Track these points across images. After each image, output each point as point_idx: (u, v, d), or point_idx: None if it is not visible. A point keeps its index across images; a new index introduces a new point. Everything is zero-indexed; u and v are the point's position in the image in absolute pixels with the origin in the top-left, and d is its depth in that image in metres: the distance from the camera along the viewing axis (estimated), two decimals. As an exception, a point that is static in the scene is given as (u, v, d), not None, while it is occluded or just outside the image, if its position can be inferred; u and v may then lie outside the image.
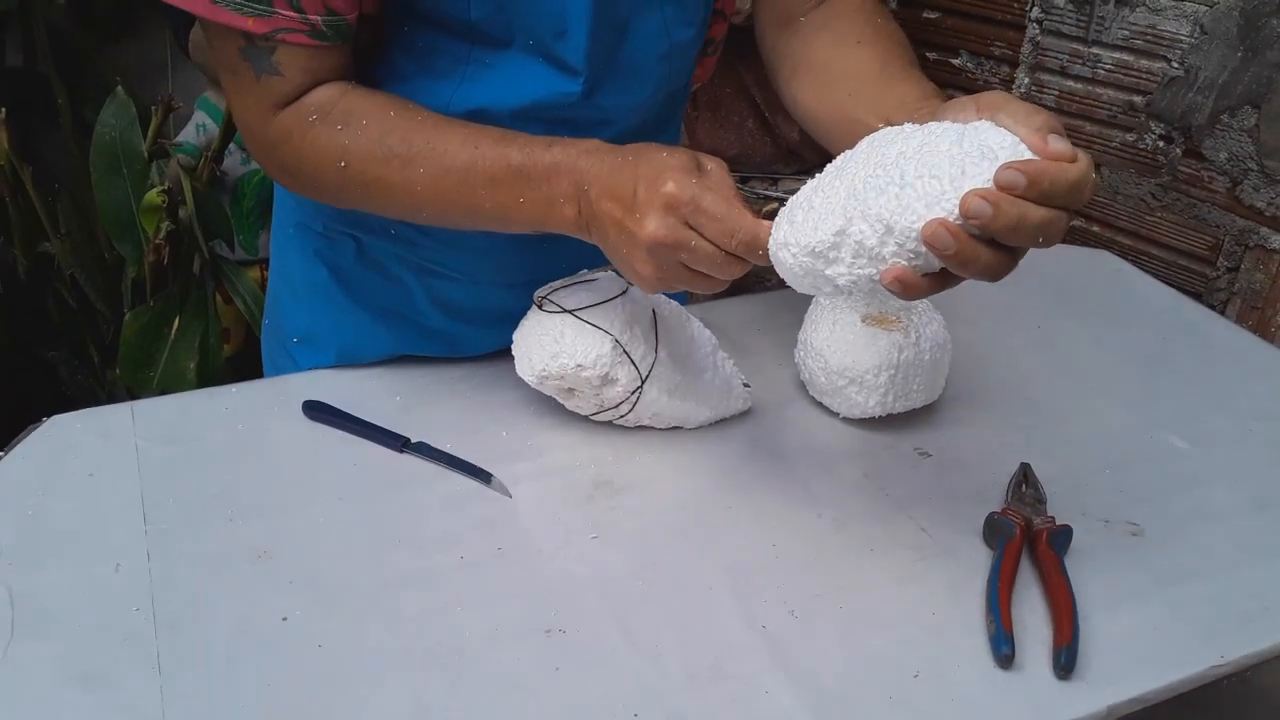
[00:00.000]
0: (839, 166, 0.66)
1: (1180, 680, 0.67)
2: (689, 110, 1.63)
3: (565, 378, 0.82)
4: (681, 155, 0.69)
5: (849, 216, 0.62)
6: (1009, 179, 0.57)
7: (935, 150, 0.60)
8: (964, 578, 0.74)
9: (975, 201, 0.57)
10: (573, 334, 0.81)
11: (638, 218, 0.68)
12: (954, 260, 0.58)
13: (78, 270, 1.71)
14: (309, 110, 0.75)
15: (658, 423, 0.87)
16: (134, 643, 0.66)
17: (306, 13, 0.71)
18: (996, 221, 0.57)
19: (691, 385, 0.86)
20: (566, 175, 0.71)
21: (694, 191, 0.66)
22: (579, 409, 0.87)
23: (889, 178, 0.61)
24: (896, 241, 0.60)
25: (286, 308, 1.01)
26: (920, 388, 0.88)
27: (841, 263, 0.63)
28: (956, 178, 0.59)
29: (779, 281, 1.48)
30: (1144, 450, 0.89)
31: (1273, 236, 1.35)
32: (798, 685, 0.65)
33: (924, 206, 0.59)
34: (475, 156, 0.73)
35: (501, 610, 0.70)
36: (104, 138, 1.60)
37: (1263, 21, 1.29)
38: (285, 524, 0.77)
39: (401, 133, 0.74)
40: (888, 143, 0.64)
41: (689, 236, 0.67)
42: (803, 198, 0.67)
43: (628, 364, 0.82)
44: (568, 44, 0.78)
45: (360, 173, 0.75)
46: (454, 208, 0.76)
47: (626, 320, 0.83)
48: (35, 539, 0.74)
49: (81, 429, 0.85)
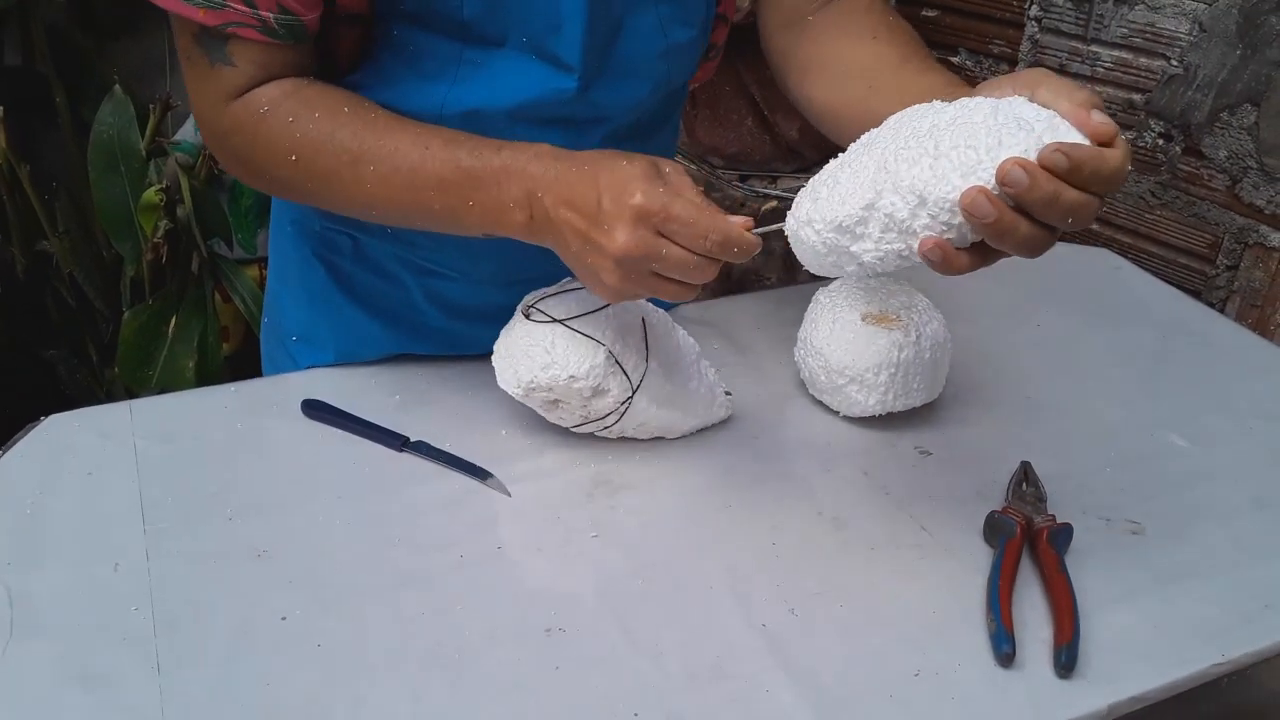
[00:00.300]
0: (866, 143, 0.65)
1: (1181, 679, 0.67)
2: (688, 108, 1.63)
3: (555, 389, 0.79)
4: (642, 163, 0.69)
5: (879, 189, 0.61)
6: (1053, 160, 0.56)
7: (970, 122, 0.60)
8: (964, 576, 0.74)
9: (1013, 169, 0.56)
10: (564, 344, 0.79)
11: (606, 229, 0.67)
12: (992, 230, 0.58)
13: (76, 269, 1.70)
14: (261, 102, 0.75)
15: (641, 434, 0.85)
16: (133, 642, 0.66)
17: (258, 8, 0.71)
18: (1031, 193, 0.56)
19: (678, 395, 0.85)
20: (516, 179, 0.71)
21: (664, 200, 0.66)
22: (561, 421, 0.84)
23: (922, 149, 0.60)
24: (929, 213, 0.59)
25: (285, 307, 1.01)
26: (920, 386, 0.88)
27: (869, 238, 0.62)
28: (993, 148, 0.58)
29: (778, 280, 1.48)
30: (1144, 449, 0.89)
31: (1272, 234, 1.35)
32: (798, 684, 0.65)
33: (959, 177, 0.58)
34: (425, 157, 0.72)
35: (501, 609, 0.70)
36: (102, 136, 1.60)
37: (1261, 19, 1.29)
38: (284, 523, 0.77)
39: (353, 128, 0.74)
40: (918, 118, 0.63)
41: (660, 245, 0.66)
42: (826, 175, 0.66)
43: (620, 375, 0.80)
44: (562, 39, 0.78)
45: (310, 166, 0.75)
46: (404, 207, 0.75)
47: (618, 330, 0.81)
48: (34, 538, 0.74)
49: (80, 428, 0.85)
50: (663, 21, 0.83)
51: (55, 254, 1.72)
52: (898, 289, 0.91)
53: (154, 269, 1.64)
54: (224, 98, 0.75)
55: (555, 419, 0.84)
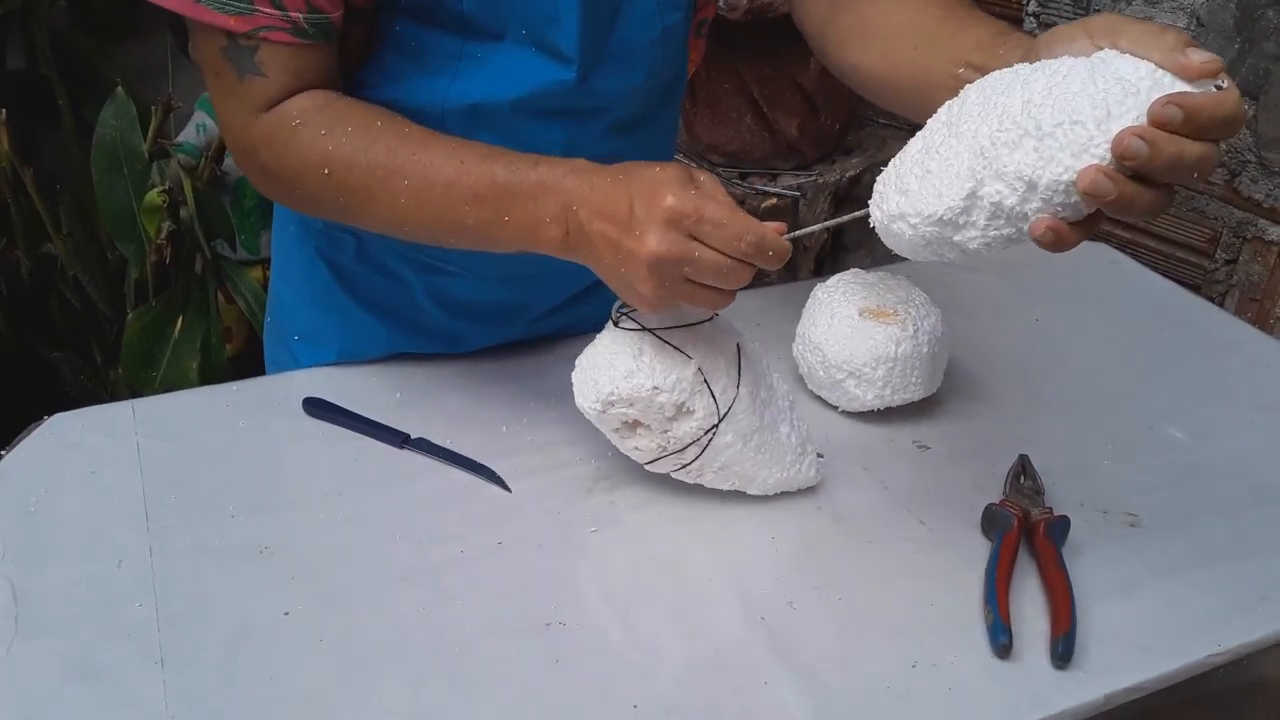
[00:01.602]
0: (950, 123, 0.61)
1: (1177, 669, 0.67)
2: (688, 106, 1.64)
3: (636, 403, 0.73)
4: (674, 168, 0.67)
5: (979, 178, 0.58)
6: (1166, 115, 0.53)
7: (1068, 92, 0.56)
8: (962, 569, 0.74)
9: (1132, 141, 0.53)
10: (652, 353, 0.73)
11: (637, 234, 0.66)
12: (1114, 205, 0.55)
13: (80, 271, 1.71)
14: (292, 115, 0.74)
15: (720, 481, 0.78)
16: (136, 638, 0.67)
17: (288, 10, 0.71)
18: (1154, 160, 0.53)
19: (767, 438, 0.77)
20: (552, 194, 0.70)
21: (696, 202, 0.65)
22: (637, 451, 0.77)
23: (1022, 129, 0.56)
24: (1042, 198, 0.56)
25: (288, 306, 1.02)
26: (918, 380, 0.88)
27: (974, 227, 0.59)
28: (1102, 120, 0.54)
29: (778, 276, 1.48)
30: (1142, 441, 0.89)
31: (1271, 228, 1.35)
32: (796, 676, 0.66)
33: (1070, 156, 0.55)
34: (460, 171, 0.72)
35: (501, 604, 0.71)
36: (105, 138, 1.61)
37: (1259, 13, 1.29)
38: (286, 520, 0.77)
39: (387, 143, 0.73)
40: (1004, 90, 0.59)
41: (693, 248, 0.65)
42: (912, 163, 0.63)
43: (707, 395, 0.74)
44: (560, 30, 0.78)
45: (343, 180, 0.74)
46: (437, 223, 0.74)
47: (711, 348, 0.75)
48: (38, 536, 0.75)
49: (83, 427, 0.86)
50: (659, 6, 0.83)
51: (59, 256, 1.73)
52: (895, 284, 0.91)
53: (157, 270, 1.64)
54: (254, 110, 0.75)
55: (630, 448, 0.77)
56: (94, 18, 1.85)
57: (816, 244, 1.69)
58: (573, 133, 0.85)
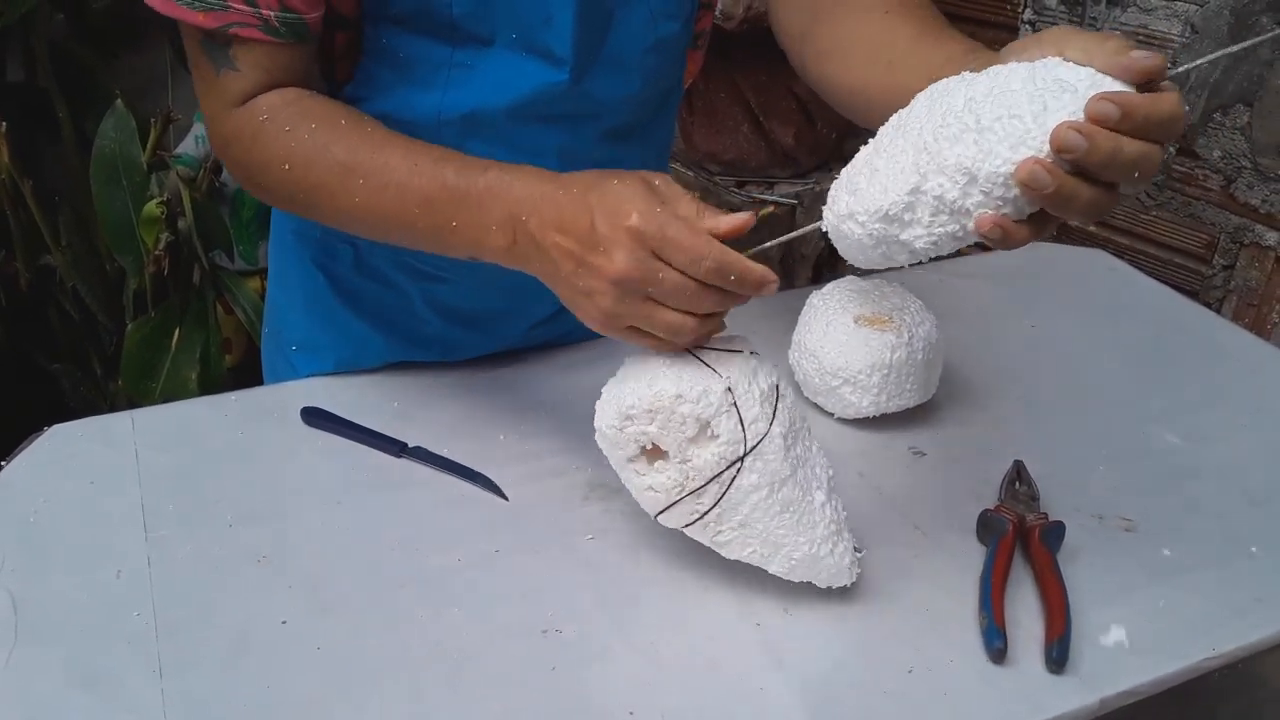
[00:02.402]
0: (897, 125, 0.62)
1: (1172, 673, 0.68)
2: (685, 115, 1.64)
3: (656, 414, 0.68)
4: (634, 181, 0.66)
5: (923, 172, 0.58)
6: (1101, 110, 0.54)
7: (1007, 90, 0.57)
8: (958, 574, 0.74)
9: (1068, 134, 0.53)
10: (682, 365, 0.69)
11: (602, 251, 0.65)
12: (1053, 200, 0.55)
13: (79, 282, 1.72)
14: (261, 110, 0.75)
15: (739, 544, 0.70)
16: (135, 646, 0.67)
17: (259, 7, 0.72)
18: (1091, 155, 0.54)
19: (797, 497, 0.70)
20: (500, 201, 0.69)
21: (660, 221, 0.64)
22: (651, 494, 0.70)
23: (963, 124, 0.57)
24: (981, 190, 0.57)
25: (285, 316, 1.02)
26: (914, 387, 0.89)
27: (919, 224, 0.60)
28: (1039, 114, 0.55)
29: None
30: (1138, 447, 0.89)
31: (1268, 233, 1.36)
32: (792, 681, 0.66)
33: (1008, 149, 0.56)
34: (413, 173, 0.72)
35: (498, 611, 0.71)
36: (103, 150, 1.61)
37: (1253, 20, 1.29)
38: (284, 529, 0.78)
39: (347, 142, 0.73)
40: (950, 93, 0.60)
41: (658, 268, 0.64)
42: (861, 164, 0.63)
43: (735, 420, 0.68)
44: (553, 31, 0.79)
45: (302, 177, 0.75)
46: (390, 223, 0.74)
47: (745, 376, 0.69)
48: (38, 546, 0.75)
49: (83, 437, 0.86)
50: (653, 15, 0.84)
51: (58, 267, 1.73)
52: (890, 291, 0.92)
53: (156, 281, 1.65)
54: (228, 104, 0.76)
55: (644, 489, 0.70)
56: (93, 30, 1.86)
57: (814, 252, 1.70)
58: (568, 138, 0.85)
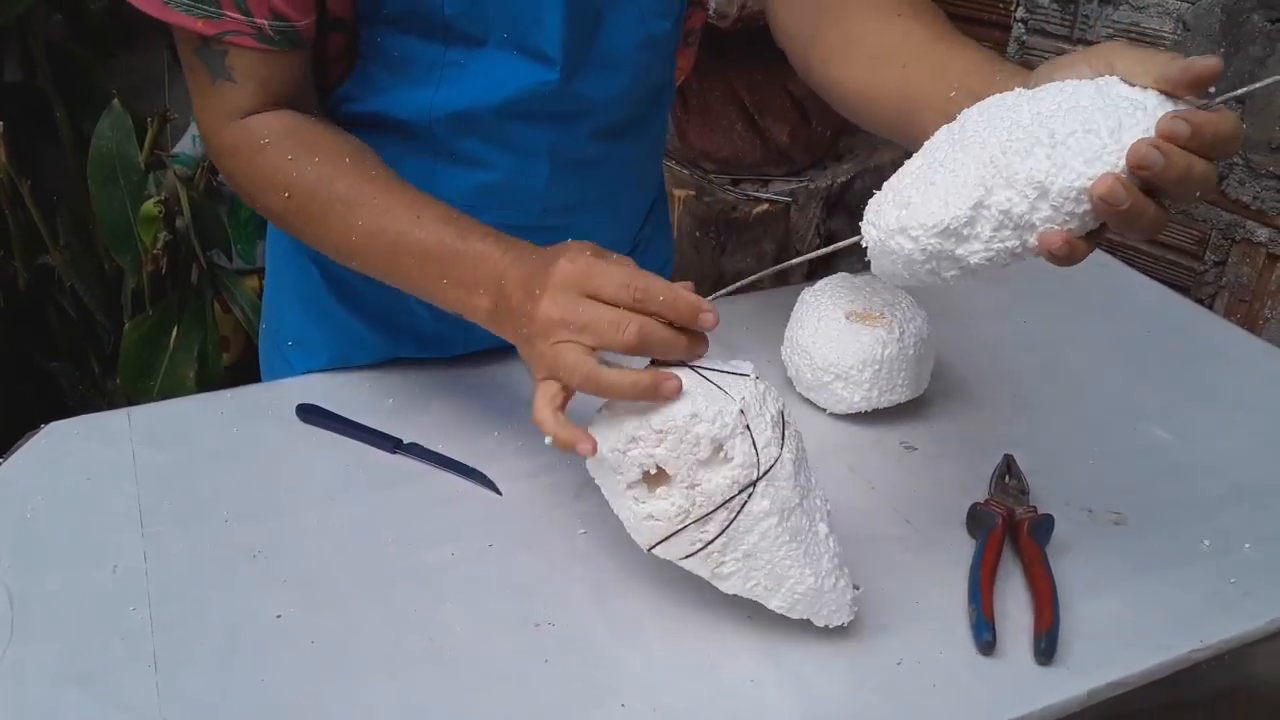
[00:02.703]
0: (952, 139, 0.61)
1: (1159, 664, 0.68)
2: (679, 114, 1.65)
3: (667, 435, 0.64)
4: (591, 246, 0.68)
5: (988, 186, 0.58)
6: (1174, 128, 0.54)
7: (1078, 105, 0.57)
8: (947, 568, 0.75)
9: (1148, 151, 0.54)
10: (693, 383, 0.65)
11: (537, 296, 0.66)
12: (1123, 216, 0.55)
13: (77, 281, 1.72)
14: (262, 133, 0.76)
15: (740, 578, 0.67)
16: (131, 642, 0.68)
17: (253, 15, 0.73)
18: (1168, 172, 0.54)
19: (804, 527, 0.67)
20: (489, 265, 0.71)
21: (586, 261, 0.65)
22: (651, 523, 0.66)
23: (1034, 138, 0.57)
24: (1052, 205, 0.56)
25: (281, 311, 1.03)
26: (905, 382, 0.89)
27: (977, 239, 0.59)
28: (1115, 130, 0.55)
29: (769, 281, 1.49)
30: (1127, 441, 0.90)
31: (1259, 229, 1.36)
32: (783, 674, 0.66)
33: (1083, 163, 0.55)
34: (414, 225, 0.73)
35: (492, 605, 0.72)
36: (101, 150, 1.62)
37: (1244, 17, 1.30)
38: (279, 525, 0.78)
39: (351, 180, 0.75)
40: (1010, 107, 0.60)
41: (579, 306, 0.64)
42: (912, 177, 0.62)
43: (748, 443, 0.65)
44: (543, 31, 0.79)
45: (302, 207, 0.76)
46: (383, 267, 0.76)
47: (756, 396, 0.66)
48: (34, 542, 0.75)
49: (79, 434, 0.87)
50: (643, 14, 0.84)
51: (56, 267, 1.74)
52: (881, 287, 0.92)
53: (154, 280, 1.65)
54: (224, 116, 0.77)
55: (643, 517, 0.67)
56: (90, 30, 1.86)
57: (809, 250, 1.70)
58: (559, 136, 0.86)
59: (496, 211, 0.89)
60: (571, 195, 0.92)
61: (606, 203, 0.96)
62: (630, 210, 1.03)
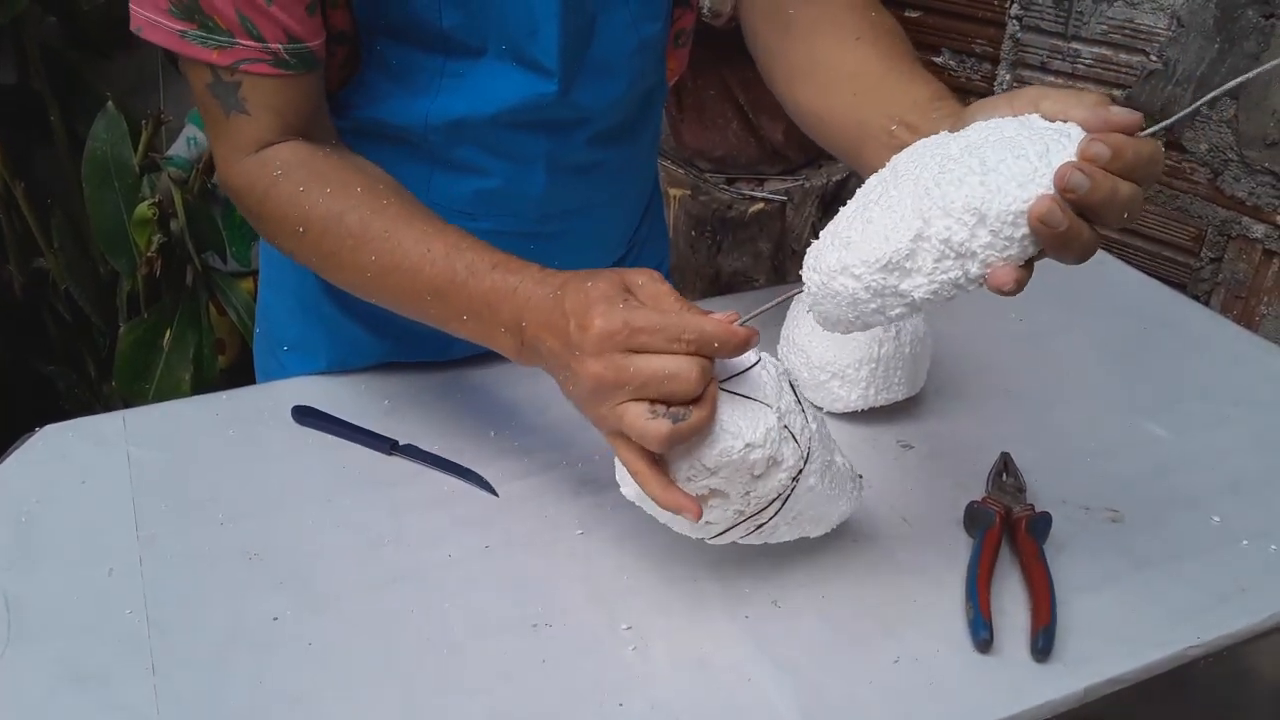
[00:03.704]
0: (886, 180, 0.62)
1: (1156, 661, 0.68)
2: (674, 113, 1.65)
3: (721, 470, 0.64)
4: (604, 282, 0.64)
5: (926, 217, 0.58)
6: (1095, 151, 0.55)
7: (1004, 137, 0.58)
8: (944, 566, 0.75)
9: (1073, 173, 0.55)
10: (728, 410, 0.64)
11: (578, 355, 0.63)
12: (1060, 239, 0.56)
13: (72, 284, 1.72)
14: (275, 165, 0.75)
15: (789, 533, 0.71)
16: (128, 644, 0.68)
17: (267, 41, 0.72)
18: (1093, 194, 0.55)
19: (831, 463, 0.70)
20: (506, 304, 0.68)
21: (624, 316, 0.61)
22: (707, 526, 0.68)
23: (966, 168, 0.58)
24: (990, 230, 0.57)
25: (277, 316, 1.03)
26: (901, 381, 0.89)
27: (920, 272, 0.59)
28: (1043, 154, 0.56)
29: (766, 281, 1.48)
30: (1124, 438, 0.90)
31: (1255, 226, 1.36)
32: (780, 672, 0.66)
33: (1016, 186, 0.56)
34: (425, 260, 0.71)
35: (489, 606, 0.71)
36: (95, 152, 1.62)
37: (1238, 12, 1.30)
38: (275, 526, 0.78)
39: (361, 213, 0.73)
40: (938, 145, 0.61)
41: (628, 364, 0.61)
42: (850, 219, 0.62)
43: (790, 441, 0.66)
44: (539, 43, 0.79)
45: (315, 243, 0.74)
46: (402, 303, 0.74)
47: (775, 386, 0.67)
48: (30, 545, 0.75)
49: (74, 437, 0.86)
50: (634, 18, 0.84)
51: (51, 270, 1.74)
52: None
53: (149, 283, 1.65)
54: (239, 150, 0.76)
55: (693, 528, 0.68)
56: (85, 32, 1.86)
57: (804, 248, 1.70)
58: (555, 144, 0.86)
59: (494, 217, 0.89)
60: (568, 200, 0.92)
61: (603, 206, 0.96)
62: (626, 211, 1.03)
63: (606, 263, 1.03)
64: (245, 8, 0.70)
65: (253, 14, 0.71)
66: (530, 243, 0.93)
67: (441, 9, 0.77)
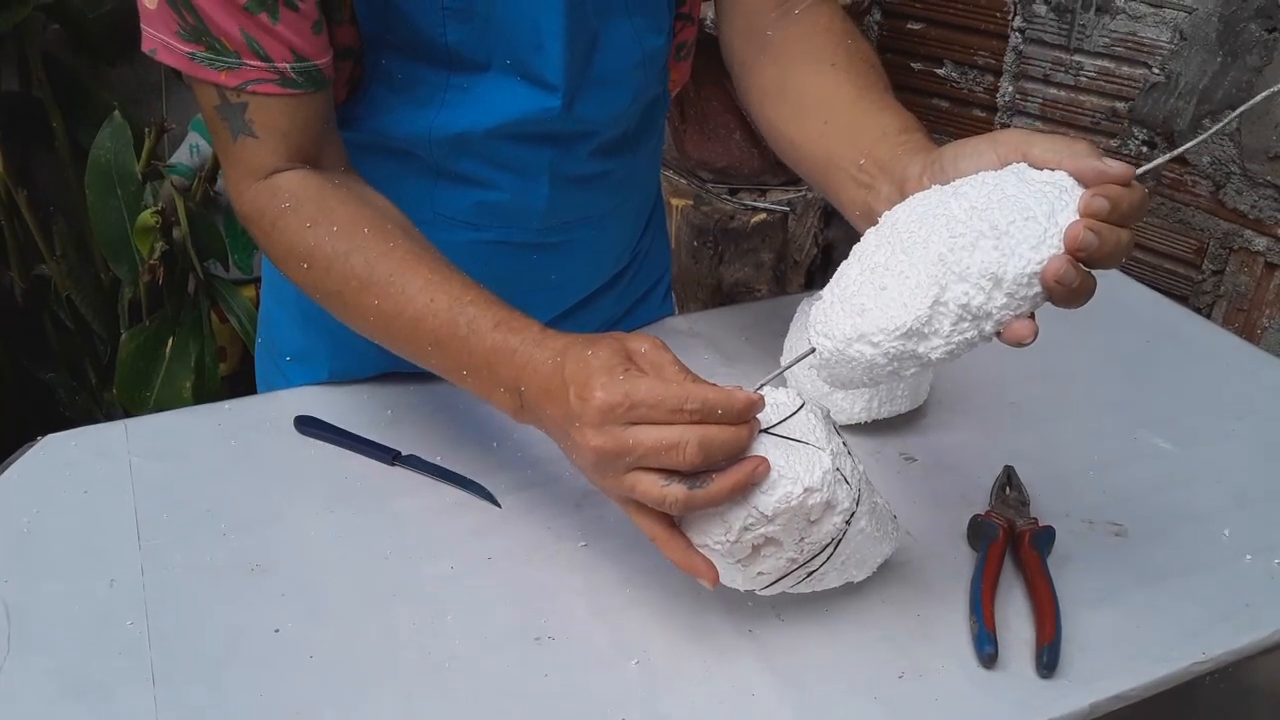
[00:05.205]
0: (891, 241, 0.62)
1: (1162, 677, 0.68)
2: (678, 123, 1.65)
3: (777, 518, 0.63)
4: (605, 351, 0.64)
5: (942, 284, 0.59)
6: (1097, 206, 0.58)
7: (1007, 196, 0.60)
8: (948, 580, 0.75)
9: (1084, 233, 0.58)
10: (781, 455, 0.63)
11: (579, 427, 0.63)
12: (1072, 294, 0.59)
13: (74, 292, 1.72)
14: (284, 196, 0.74)
15: (836, 579, 0.70)
16: (129, 655, 0.67)
17: (274, 61, 0.72)
18: (1103, 248, 0.58)
19: (878, 509, 0.69)
20: (505, 365, 0.68)
21: (625, 389, 0.61)
22: (761, 574, 0.66)
23: (977, 232, 0.59)
24: (1006, 292, 0.59)
25: (279, 326, 1.02)
26: (905, 393, 0.89)
27: (938, 334, 0.61)
28: (1051, 214, 0.59)
29: (768, 291, 1.48)
30: (1127, 451, 0.90)
31: (1257, 239, 1.36)
32: (784, 686, 0.66)
33: (1029, 249, 0.58)
34: (428, 310, 0.70)
35: (491, 618, 0.71)
36: (98, 160, 1.62)
37: (1241, 26, 1.30)
38: (277, 537, 0.78)
39: (366, 254, 0.72)
40: (939, 204, 0.62)
41: (628, 437, 0.61)
42: (857, 285, 0.63)
43: (843, 483, 0.65)
44: (544, 59, 0.79)
45: (320, 281, 0.74)
46: (406, 349, 0.74)
47: (821, 429, 0.66)
48: (31, 555, 0.75)
49: (76, 447, 0.86)
50: (637, 31, 0.84)
51: (53, 277, 1.74)
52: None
53: (151, 291, 1.65)
54: (247, 176, 0.75)
55: (754, 573, 0.66)
56: (87, 40, 1.86)
57: (807, 259, 1.70)
58: (558, 156, 0.86)
59: (497, 228, 0.89)
60: (572, 211, 0.92)
61: (606, 217, 0.97)
62: (629, 222, 1.03)
63: (609, 272, 1.03)
64: (251, 28, 0.70)
65: (258, 34, 0.71)
66: (533, 253, 0.93)
67: (446, 25, 0.77)
